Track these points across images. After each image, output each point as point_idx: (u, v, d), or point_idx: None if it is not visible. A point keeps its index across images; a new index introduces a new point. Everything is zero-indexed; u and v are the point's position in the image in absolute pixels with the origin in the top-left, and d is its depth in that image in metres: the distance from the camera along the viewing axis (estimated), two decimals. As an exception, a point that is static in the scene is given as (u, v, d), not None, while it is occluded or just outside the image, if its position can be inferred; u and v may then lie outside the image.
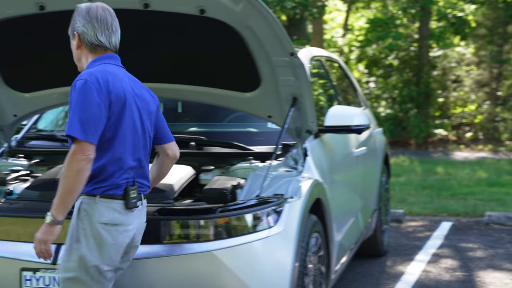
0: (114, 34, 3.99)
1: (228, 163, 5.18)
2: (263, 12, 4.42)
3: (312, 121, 4.97)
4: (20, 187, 4.98)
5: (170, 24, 4.72)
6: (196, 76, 5.15)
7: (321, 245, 5.00)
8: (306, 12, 17.81)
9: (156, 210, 4.29)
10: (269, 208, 4.40)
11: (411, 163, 15.32)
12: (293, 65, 4.67)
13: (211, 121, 6.05)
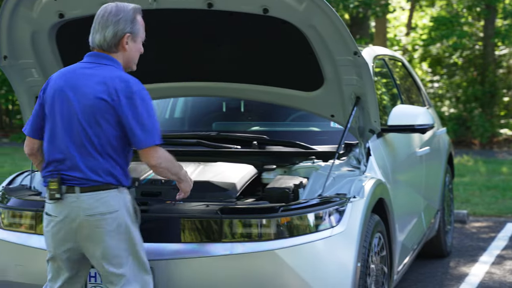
0: (98, 32, 4.06)
1: (290, 162, 5.18)
2: (326, 11, 4.41)
3: (376, 121, 4.94)
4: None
5: (234, 24, 4.74)
6: (259, 75, 5.16)
7: (384, 245, 4.97)
8: (369, 11, 17.71)
9: (218, 208, 4.31)
10: (331, 207, 4.39)
11: (475, 163, 15.13)
12: (356, 64, 4.64)
13: (274, 120, 6.05)
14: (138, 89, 3.94)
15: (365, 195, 4.62)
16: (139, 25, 4.06)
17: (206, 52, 5.06)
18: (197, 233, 4.27)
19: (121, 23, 4.02)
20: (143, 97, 3.95)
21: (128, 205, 4.02)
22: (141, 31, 4.08)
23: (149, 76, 5.29)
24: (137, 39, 4.07)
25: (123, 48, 4.04)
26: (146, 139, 3.93)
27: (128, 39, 4.03)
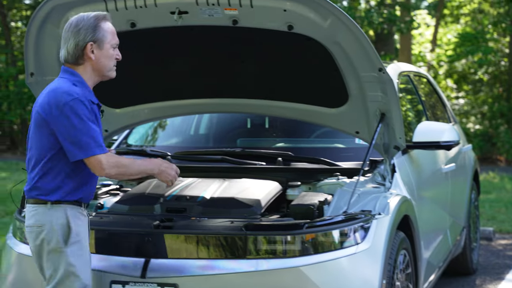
0: (63, 47, 4.08)
1: (315, 178, 5.17)
2: (351, 27, 4.41)
3: (401, 137, 4.93)
4: (110, 201, 5.07)
5: (258, 40, 4.76)
6: (283, 91, 5.17)
7: (409, 262, 4.94)
8: (394, 27, 17.70)
9: (243, 225, 4.31)
10: (357, 224, 4.38)
11: (501, 180, 15.02)
12: (381, 81, 4.64)
13: (298, 136, 6.05)
14: (68, 101, 3.89)
15: (390, 212, 4.60)
16: (104, 32, 4.01)
17: (230, 69, 5.08)
18: (222, 250, 4.27)
19: (82, 33, 4.00)
20: (73, 108, 3.89)
21: (60, 222, 3.97)
22: (108, 37, 4.03)
23: (174, 93, 5.32)
24: (104, 45, 4.02)
25: (88, 58, 4.01)
26: (77, 151, 3.90)
27: (93, 48, 4.01)
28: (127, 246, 4.38)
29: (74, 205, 4.00)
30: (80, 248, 4.00)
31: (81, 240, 4.00)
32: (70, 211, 3.99)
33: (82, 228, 4.03)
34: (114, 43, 4.07)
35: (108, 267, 4.38)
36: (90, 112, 3.93)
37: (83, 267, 4.00)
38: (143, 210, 4.76)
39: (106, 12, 4.14)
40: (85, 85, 4.02)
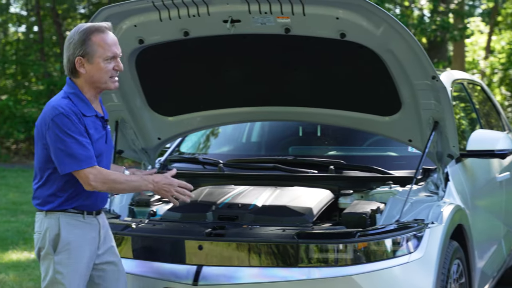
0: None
1: (367, 187, 5.15)
2: (404, 35, 4.39)
3: (454, 145, 4.88)
4: (163, 208, 5.11)
5: (311, 48, 4.76)
6: (336, 99, 5.16)
7: (463, 272, 4.89)
8: (447, 35, 17.55)
9: (295, 233, 4.31)
10: (409, 233, 4.35)
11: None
12: (434, 89, 4.61)
13: (350, 144, 6.03)
14: (53, 116, 3.93)
15: (444, 221, 4.56)
16: (94, 45, 3.99)
17: (283, 77, 5.09)
18: (274, 258, 4.27)
19: (71, 48, 4.02)
20: (57, 123, 3.92)
21: (53, 230, 4.00)
22: (98, 51, 3.99)
23: (226, 101, 5.34)
24: (94, 59, 4.00)
25: (79, 72, 4.03)
26: (63, 165, 3.93)
27: (83, 62, 4.01)
28: (179, 253, 4.41)
29: (69, 213, 4.03)
30: (69, 256, 4.01)
31: (71, 248, 4.00)
32: (63, 219, 4.02)
33: (78, 237, 4.03)
34: (106, 56, 4.01)
35: (160, 274, 4.42)
36: (76, 125, 3.93)
37: (70, 275, 4.00)
38: (195, 218, 4.79)
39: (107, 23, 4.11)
40: (80, 97, 4.03)
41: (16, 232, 9.70)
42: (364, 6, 4.33)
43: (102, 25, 4.05)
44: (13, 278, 7.39)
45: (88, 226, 4.08)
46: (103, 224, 4.18)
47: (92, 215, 4.10)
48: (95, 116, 4.06)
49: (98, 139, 4.05)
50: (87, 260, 4.05)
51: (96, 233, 4.12)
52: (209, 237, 4.39)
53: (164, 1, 4.56)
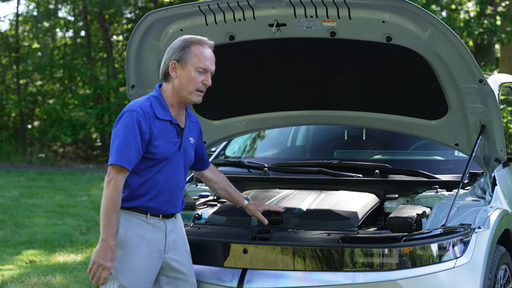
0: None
1: (413, 191, 5.12)
2: (451, 38, 4.36)
3: (502, 149, 4.83)
4: (208, 212, 5.13)
5: (356, 52, 4.75)
6: (381, 103, 5.14)
7: (510, 277, 4.84)
8: (495, 37, 17.37)
9: (340, 237, 4.30)
10: (456, 238, 4.31)
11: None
12: (482, 92, 4.56)
13: (396, 148, 6.00)
14: (123, 112, 4.10)
15: (491, 225, 4.52)
16: (191, 54, 4.13)
17: (328, 81, 5.08)
18: (318, 262, 4.27)
19: (170, 52, 4.19)
20: (120, 119, 4.08)
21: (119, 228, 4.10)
22: (193, 59, 4.13)
23: (272, 105, 5.34)
24: (187, 66, 4.13)
25: (170, 76, 4.17)
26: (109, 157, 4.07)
27: (176, 66, 4.15)
28: (224, 257, 4.42)
29: (131, 212, 4.13)
30: (125, 252, 4.09)
31: (128, 245, 4.09)
32: (124, 217, 4.12)
33: (136, 235, 4.12)
34: (199, 66, 4.14)
35: (205, 277, 4.43)
36: (140, 125, 4.05)
37: (124, 271, 4.09)
38: (240, 222, 4.80)
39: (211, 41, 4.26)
40: (160, 101, 4.17)
41: (63, 235, 9.80)
42: (410, 9, 4.31)
43: (204, 39, 4.21)
44: (60, 280, 7.47)
45: (150, 227, 4.16)
46: (173, 229, 4.26)
47: (158, 218, 4.18)
48: (170, 121, 4.18)
49: (165, 143, 4.15)
50: (146, 259, 4.13)
51: (161, 235, 4.19)
52: (254, 241, 4.40)
53: (210, 5, 4.58)
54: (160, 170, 4.16)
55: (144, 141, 4.07)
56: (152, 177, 4.15)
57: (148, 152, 4.11)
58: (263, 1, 4.50)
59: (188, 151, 4.30)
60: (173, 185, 4.22)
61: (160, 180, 4.17)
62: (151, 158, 4.12)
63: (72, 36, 25.30)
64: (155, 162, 4.14)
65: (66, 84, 23.79)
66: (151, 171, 4.14)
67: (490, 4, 17.53)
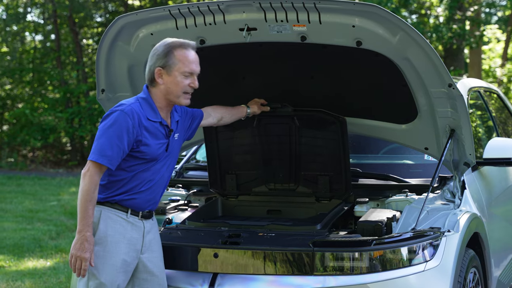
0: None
1: (383, 195, 5.14)
2: (420, 42, 4.38)
3: (471, 153, 4.87)
4: (179, 216, 5.12)
5: (327, 57, 4.76)
6: (352, 107, 5.16)
7: (479, 280, 4.87)
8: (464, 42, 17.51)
9: (311, 241, 4.30)
10: (425, 241, 4.33)
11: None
12: (451, 97, 4.59)
13: (366, 152, 6.02)
14: (111, 110, 4.14)
15: (460, 229, 4.54)
16: (175, 59, 4.17)
17: (299, 85, 5.09)
18: (289, 266, 4.27)
19: (154, 58, 4.21)
20: (108, 117, 4.11)
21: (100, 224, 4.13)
22: (178, 65, 4.17)
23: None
24: (173, 72, 4.17)
25: (156, 82, 4.20)
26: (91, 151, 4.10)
27: (161, 72, 4.18)
28: (195, 261, 4.41)
29: (111, 208, 4.15)
30: (104, 249, 4.11)
31: (107, 242, 4.11)
32: (105, 214, 4.14)
33: (116, 232, 4.13)
34: (184, 71, 4.19)
35: (176, 282, 4.42)
36: (127, 125, 4.06)
37: (103, 267, 4.09)
38: (212, 226, 4.79)
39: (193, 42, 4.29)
40: (149, 103, 4.19)
41: (32, 240, 9.73)
42: (380, 14, 4.33)
43: (186, 42, 4.23)
44: (29, 285, 7.41)
45: (130, 226, 4.18)
46: (150, 230, 4.28)
47: (137, 217, 4.20)
48: (159, 123, 4.20)
49: (154, 145, 4.18)
50: (124, 257, 4.14)
51: (139, 235, 4.21)
52: (225, 245, 4.40)
53: (180, 9, 4.58)
54: (147, 169, 4.20)
55: (130, 142, 4.09)
56: (138, 174, 4.18)
57: (138, 152, 4.14)
58: (233, 6, 4.50)
59: (175, 151, 4.35)
60: (156, 184, 4.25)
61: (145, 179, 4.20)
62: (140, 158, 4.16)
63: (41, 39, 25.13)
64: (143, 161, 4.18)
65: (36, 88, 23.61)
66: (137, 169, 4.17)
67: (459, 9, 17.67)
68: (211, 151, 5.34)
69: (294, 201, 5.29)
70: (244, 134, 5.28)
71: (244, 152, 5.36)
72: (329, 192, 5.16)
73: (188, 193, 5.59)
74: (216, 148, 5.32)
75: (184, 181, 5.77)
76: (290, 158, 5.22)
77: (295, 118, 5.10)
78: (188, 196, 5.55)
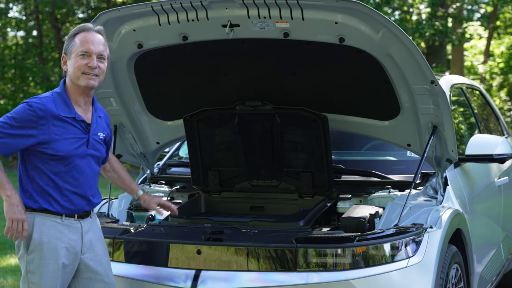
0: None
1: (365, 191, 5.15)
2: (403, 39, 4.39)
3: (453, 150, 4.88)
4: (162, 213, 5.10)
5: (310, 53, 4.76)
6: (334, 104, 5.16)
7: (461, 276, 4.89)
8: (446, 39, 17.56)
9: (293, 238, 4.31)
10: (408, 237, 4.34)
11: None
12: (433, 93, 4.61)
13: (349, 149, 6.03)
14: (24, 102, 4.07)
15: (442, 225, 4.56)
16: (74, 43, 4.09)
17: (282, 81, 5.09)
18: (272, 262, 4.27)
19: (63, 48, 4.18)
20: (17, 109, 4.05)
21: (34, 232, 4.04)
22: (75, 46, 4.08)
23: (225, 105, 5.32)
24: (72, 56, 4.09)
25: (64, 71, 4.15)
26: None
27: (65, 59, 4.13)
28: (178, 258, 4.41)
29: (45, 214, 4.04)
30: (41, 256, 4.02)
31: (43, 249, 4.01)
32: (38, 220, 4.04)
33: (52, 238, 4.03)
34: (80, 51, 4.07)
35: (159, 279, 4.41)
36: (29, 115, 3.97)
37: (42, 275, 4.02)
38: (195, 222, 4.79)
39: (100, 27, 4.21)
40: (63, 97, 4.09)
41: (14, 237, 9.68)
42: (362, 10, 4.34)
43: (88, 26, 4.15)
44: (12, 283, 7.38)
45: (66, 228, 4.07)
46: (89, 229, 4.18)
47: (73, 218, 4.10)
48: (73, 118, 4.07)
49: (66, 139, 4.04)
50: (62, 261, 4.04)
51: (77, 236, 4.10)
52: (208, 242, 4.39)
53: (163, 5, 4.56)
54: (69, 168, 4.05)
55: (29, 136, 3.97)
56: (61, 175, 4.04)
57: (50, 148, 4.00)
58: (216, 2, 4.49)
59: (97, 147, 4.19)
60: (84, 182, 4.12)
61: (70, 178, 4.07)
62: (54, 155, 4.01)
63: (23, 36, 25.02)
64: (59, 158, 4.02)
65: (18, 84, 23.51)
66: (57, 168, 4.03)
67: (442, 6, 17.71)
68: (193, 148, 5.33)
69: (277, 197, 5.29)
70: (225, 131, 5.27)
71: (226, 149, 5.36)
72: (312, 189, 5.16)
73: (171, 189, 5.58)
74: (198, 145, 5.31)
75: (167, 178, 5.75)
76: (273, 154, 5.22)
77: (276, 115, 5.10)
78: (171, 192, 5.53)
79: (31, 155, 4.02)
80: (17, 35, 25.39)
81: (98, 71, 4.09)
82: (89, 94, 4.15)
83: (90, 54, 4.07)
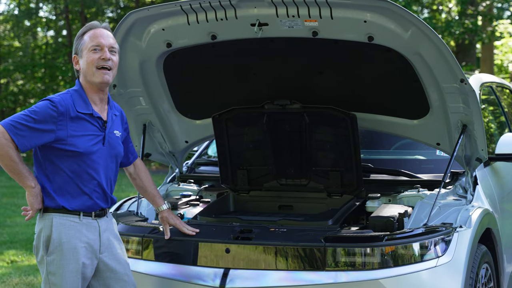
0: None
1: (395, 190, 5.13)
2: (432, 38, 4.37)
3: (483, 149, 4.85)
4: (191, 211, 5.12)
5: (338, 52, 4.75)
6: (363, 103, 5.15)
7: (491, 276, 4.86)
8: (476, 37, 17.45)
9: (322, 237, 4.30)
10: (437, 237, 4.33)
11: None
12: (463, 92, 4.58)
13: (378, 148, 6.01)
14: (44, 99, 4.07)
15: (472, 224, 4.53)
16: (84, 41, 4.10)
17: (310, 80, 5.08)
18: (301, 261, 4.27)
19: (73, 48, 4.21)
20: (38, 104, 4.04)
21: (45, 233, 4.05)
22: (85, 44, 4.09)
23: (254, 104, 5.33)
24: (83, 53, 4.10)
25: (78, 71, 4.16)
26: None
27: (77, 59, 4.15)
28: (206, 256, 4.42)
29: (63, 214, 4.04)
30: (61, 257, 4.02)
31: (63, 249, 4.01)
32: (56, 220, 4.04)
33: (71, 237, 4.02)
34: (91, 46, 4.09)
35: (187, 277, 4.43)
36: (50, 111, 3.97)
37: (63, 275, 4.02)
38: (223, 221, 4.80)
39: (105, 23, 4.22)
40: (80, 93, 4.10)
41: (44, 235, 9.74)
42: (391, 9, 4.32)
43: (96, 23, 4.17)
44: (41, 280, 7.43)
45: (85, 227, 4.08)
46: (106, 228, 4.18)
47: (91, 217, 4.11)
48: (90, 115, 4.09)
49: (84, 136, 4.05)
50: (83, 260, 4.05)
51: (95, 235, 4.11)
52: (236, 240, 4.40)
53: (192, 4, 4.58)
54: (86, 165, 4.06)
55: (49, 131, 3.97)
56: (77, 172, 4.05)
57: (68, 144, 4.01)
58: (245, 1, 4.50)
59: (113, 145, 4.19)
60: (100, 180, 4.12)
61: (86, 175, 4.07)
62: (72, 151, 4.01)
63: (53, 35, 25.20)
64: (76, 154, 4.02)
65: (48, 83, 23.69)
66: (74, 165, 4.03)
67: (471, 4, 17.61)
68: (221, 147, 5.34)
69: (305, 196, 5.29)
70: (254, 130, 5.28)
71: (255, 148, 5.36)
72: (341, 188, 5.15)
73: (200, 188, 5.59)
74: (226, 143, 5.32)
75: (195, 177, 5.77)
76: (301, 153, 5.22)
77: (304, 114, 5.09)
78: (199, 191, 5.55)
79: (49, 152, 4.03)
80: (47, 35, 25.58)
81: (111, 64, 4.11)
82: (104, 91, 4.17)
83: (102, 47, 4.09)
